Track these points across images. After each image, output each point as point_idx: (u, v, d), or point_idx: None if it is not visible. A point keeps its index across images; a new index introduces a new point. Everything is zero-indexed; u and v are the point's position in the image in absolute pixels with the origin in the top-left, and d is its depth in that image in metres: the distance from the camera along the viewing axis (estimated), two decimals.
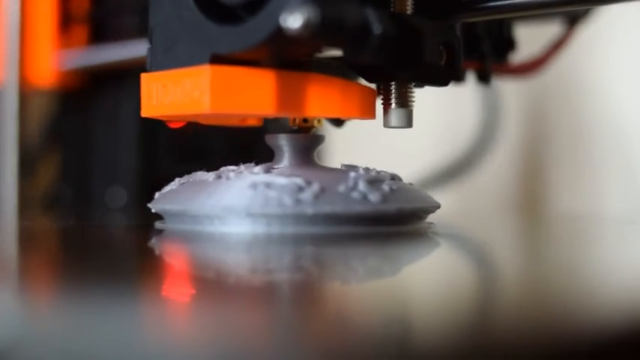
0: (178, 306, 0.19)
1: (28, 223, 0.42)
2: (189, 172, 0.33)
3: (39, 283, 0.22)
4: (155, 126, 0.37)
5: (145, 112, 0.31)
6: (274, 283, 0.22)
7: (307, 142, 0.32)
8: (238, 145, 0.51)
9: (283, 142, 0.32)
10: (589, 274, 0.25)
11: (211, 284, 0.22)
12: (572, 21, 0.41)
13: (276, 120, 0.34)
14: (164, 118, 0.32)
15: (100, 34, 0.52)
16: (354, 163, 0.32)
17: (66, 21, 0.52)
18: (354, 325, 0.17)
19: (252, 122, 0.36)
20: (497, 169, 0.64)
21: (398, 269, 0.26)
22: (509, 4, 0.31)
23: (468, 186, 0.64)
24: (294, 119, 0.32)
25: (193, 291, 0.21)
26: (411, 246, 0.30)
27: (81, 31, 0.52)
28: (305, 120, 0.32)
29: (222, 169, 0.31)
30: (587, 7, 0.40)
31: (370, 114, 0.31)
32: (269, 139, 0.32)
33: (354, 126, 0.37)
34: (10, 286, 0.22)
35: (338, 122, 0.37)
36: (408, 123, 0.31)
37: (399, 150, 0.65)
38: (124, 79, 0.51)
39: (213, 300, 0.19)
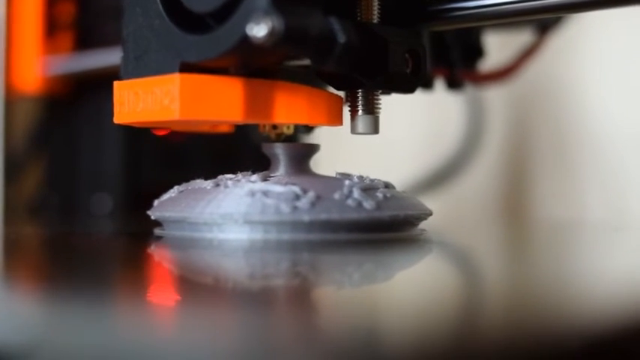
0: (176, 309, 0.20)
1: (35, 229, 0.43)
2: (173, 179, 0.33)
3: (53, 290, 0.23)
4: (140, 133, 0.37)
5: (118, 119, 0.32)
6: (271, 289, 0.23)
7: (303, 150, 0.33)
8: (223, 152, 0.52)
9: (279, 151, 0.33)
10: (579, 282, 0.25)
11: (208, 289, 0.23)
12: (543, 29, 0.42)
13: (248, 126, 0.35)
14: (136, 125, 0.32)
15: (85, 41, 0.52)
16: (339, 169, 0.32)
17: (52, 27, 0.53)
18: (344, 330, 0.17)
19: (223, 128, 0.37)
20: (482, 175, 0.64)
21: (391, 275, 0.26)
22: (476, 13, 0.31)
23: (454, 192, 0.65)
24: (264, 125, 0.33)
25: (191, 295, 0.22)
26: (405, 252, 0.31)
27: (66, 38, 0.53)
28: (274, 126, 0.33)
29: (220, 177, 0.32)
30: (556, 16, 0.41)
31: (337, 121, 0.32)
32: (266, 147, 0.33)
33: (337, 132, 0.38)
34: (30, 292, 0.22)
35: (307, 128, 0.38)
36: (375, 129, 0.31)
37: (385, 156, 0.65)
38: (109, 86, 0.51)
39: (207, 304, 0.20)
